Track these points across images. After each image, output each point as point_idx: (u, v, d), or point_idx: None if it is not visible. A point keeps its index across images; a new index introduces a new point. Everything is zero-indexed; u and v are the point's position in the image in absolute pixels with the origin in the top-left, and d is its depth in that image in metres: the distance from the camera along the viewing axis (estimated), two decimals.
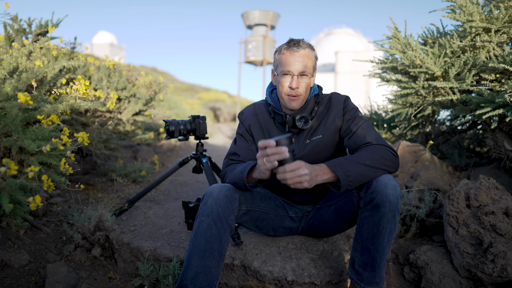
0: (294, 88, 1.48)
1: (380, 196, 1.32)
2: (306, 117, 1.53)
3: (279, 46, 1.56)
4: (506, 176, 2.26)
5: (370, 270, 1.41)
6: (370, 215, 1.37)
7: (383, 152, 1.40)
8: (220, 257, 1.37)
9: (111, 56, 24.73)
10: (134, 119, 3.31)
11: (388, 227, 1.36)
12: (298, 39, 1.51)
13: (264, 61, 15.27)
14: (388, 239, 1.37)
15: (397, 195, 1.34)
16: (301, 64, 1.48)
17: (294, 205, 1.71)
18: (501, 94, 1.89)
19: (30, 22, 2.53)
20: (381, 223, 1.35)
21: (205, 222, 1.36)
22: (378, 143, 1.45)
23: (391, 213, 1.34)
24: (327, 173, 1.31)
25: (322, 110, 1.61)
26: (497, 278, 1.52)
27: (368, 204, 1.37)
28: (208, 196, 1.40)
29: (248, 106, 1.75)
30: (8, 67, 1.54)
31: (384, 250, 1.39)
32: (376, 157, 1.37)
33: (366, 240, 1.39)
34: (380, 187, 1.33)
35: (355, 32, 28.63)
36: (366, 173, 1.33)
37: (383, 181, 1.34)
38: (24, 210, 1.45)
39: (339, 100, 1.61)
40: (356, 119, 1.54)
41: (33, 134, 1.37)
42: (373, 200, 1.34)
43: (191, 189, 3.31)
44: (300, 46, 1.49)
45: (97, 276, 1.80)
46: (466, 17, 2.17)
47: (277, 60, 1.55)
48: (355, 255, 1.45)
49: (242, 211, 1.51)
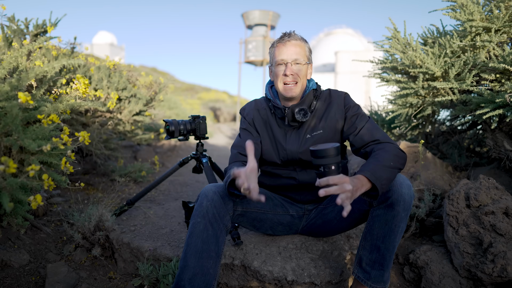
0: (288, 74, 1.49)
1: (396, 195, 1.33)
2: (305, 109, 1.53)
3: (272, 42, 1.58)
4: (506, 176, 2.26)
5: (379, 268, 1.41)
6: (383, 213, 1.37)
7: (397, 152, 1.40)
8: (217, 258, 1.37)
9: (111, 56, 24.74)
10: (134, 119, 3.31)
11: (401, 226, 1.37)
12: (290, 31, 1.54)
13: (264, 61, 15.27)
14: (398, 237, 1.38)
15: (411, 194, 1.35)
16: (293, 52, 1.50)
17: (294, 204, 1.71)
18: (501, 94, 1.89)
19: (27, 22, 2.53)
20: (394, 221, 1.35)
21: (201, 223, 1.36)
22: (386, 140, 1.46)
23: (404, 212, 1.35)
24: (365, 184, 1.26)
25: (322, 105, 1.61)
26: (497, 278, 1.52)
27: (382, 203, 1.36)
28: (203, 197, 1.40)
29: (249, 102, 1.75)
30: (8, 67, 1.54)
31: (394, 249, 1.39)
32: (394, 157, 1.37)
33: (377, 238, 1.39)
34: (395, 186, 1.34)
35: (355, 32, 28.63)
36: (391, 176, 1.32)
37: (399, 180, 1.35)
38: (25, 210, 1.45)
39: (339, 95, 1.61)
40: (360, 116, 1.55)
41: (34, 133, 1.37)
42: (389, 199, 1.34)
43: (191, 189, 3.31)
44: (292, 36, 1.52)
45: (97, 276, 1.80)
46: (467, 16, 2.17)
47: (271, 54, 1.57)
48: (363, 253, 1.45)
49: (238, 212, 1.50)
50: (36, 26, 2.52)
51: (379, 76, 2.70)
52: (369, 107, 3.66)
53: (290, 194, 1.69)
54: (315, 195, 1.68)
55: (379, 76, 2.71)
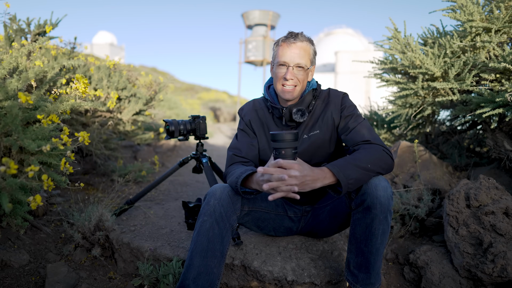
0: (288, 79, 1.48)
1: (371, 198, 1.31)
2: (303, 110, 1.52)
3: (278, 38, 1.56)
4: (506, 176, 2.26)
5: (365, 271, 1.40)
6: (362, 217, 1.36)
7: (381, 155, 1.38)
8: (222, 257, 1.37)
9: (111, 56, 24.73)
10: (134, 119, 3.31)
11: (381, 229, 1.35)
12: (297, 32, 1.51)
13: (264, 61, 15.27)
14: (381, 240, 1.36)
15: (388, 196, 1.33)
16: (296, 56, 1.47)
17: (293, 205, 1.71)
18: (501, 94, 1.89)
19: (28, 22, 2.53)
20: (373, 224, 1.34)
21: (208, 221, 1.36)
22: (376, 142, 1.44)
23: (382, 214, 1.33)
24: (329, 177, 1.27)
25: (320, 105, 1.60)
26: (497, 278, 1.52)
27: (359, 206, 1.36)
28: (211, 196, 1.40)
29: (247, 102, 1.75)
30: (8, 67, 1.54)
31: (378, 252, 1.38)
32: (375, 160, 1.35)
33: (360, 242, 1.38)
34: (370, 189, 1.32)
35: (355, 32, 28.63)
36: (364, 177, 1.31)
37: (374, 182, 1.33)
38: (24, 210, 1.45)
39: (337, 95, 1.60)
40: (354, 117, 1.53)
41: (33, 133, 1.37)
42: (364, 202, 1.33)
43: (191, 189, 3.31)
44: (298, 38, 1.48)
45: (97, 276, 1.80)
46: (466, 16, 2.17)
47: (274, 52, 1.55)
48: (350, 256, 1.45)
49: (245, 211, 1.51)
50: (38, 25, 2.52)
51: (379, 77, 2.70)
52: (369, 108, 3.66)
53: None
54: (311, 196, 1.69)
55: (379, 76, 2.71)
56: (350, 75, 22.40)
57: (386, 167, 1.38)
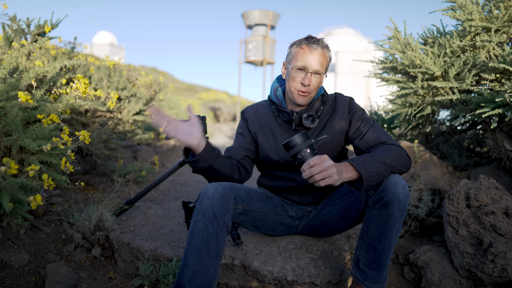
0: (306, 85, 1.49)
1: (390, 194, 1.32)
2: (313, 116, 1.53)
3: (298, 39, 1.55)
4: (506, 176, 2.26)
5: (376, 268, 1.41)
6: (378, 213, 1.37)
7: (399, 153, 1.40)
8: (218, 256, 1.37)
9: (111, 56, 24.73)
10: (134, 119, 3.31)
11: (396, 226, 1.36)
12: (319, 38, 1.52)
13: (264, 61, 15.26)
14: (395, 237, 1.38)
15: (406, 194, 1.35)
16: (317, 62, 1.48)
17: (294, 205, 1.71)
18: (501, 94, 1.89)
19: (28, 22, 2.53)
20: (389, 221, 1.35)
21: (201, 221, 1.36)
22: (392, 143, 1.46)
23: (399, 211, 1.35)
24: (350, 171, 1.28)
25: (328, 110, 1.61)
26: (497, 278, 1.52)
27: (377, 202, 1.37)
28: (204, 196, 1.40)
29: (250, 105, 1.75)
30: (9, 67, 1.54)
31: (391, 249, 1.39)
32: (394, 157, 1.37)
33: (373, 239, 1.39)
34: (390, 185, 1.33)
35: (355, 32, 28.64)
36: (385, 173, 1.33)
37: (393, 179, 1.35)
38: (25, 210, 1.45)
39: (344, 101, 1.62)
40: (365, 120, 1.56)
41: (34, 133, 1.37)
42: (383, 198, 1.34)
43: (191, 189, 3.31)
44: (320, 44, 1.50)
45: (97, 276, 1.80)
46: (466, 16, 2.17)
47: (293, 54, 1.54)
48: (360, 253, 1.45)
49: (239, 210, 1.50)
50: (38, 26, 2.52)
51: (379, 76, 2.71)
52: (369, 107, 3.66)
53: (290, 196, 1.70)
54: (315, 197, 1.69)
55: (379, 76, 2.71)
56: (350, 75, 22.41)
57: (405, 164, 1.40)
